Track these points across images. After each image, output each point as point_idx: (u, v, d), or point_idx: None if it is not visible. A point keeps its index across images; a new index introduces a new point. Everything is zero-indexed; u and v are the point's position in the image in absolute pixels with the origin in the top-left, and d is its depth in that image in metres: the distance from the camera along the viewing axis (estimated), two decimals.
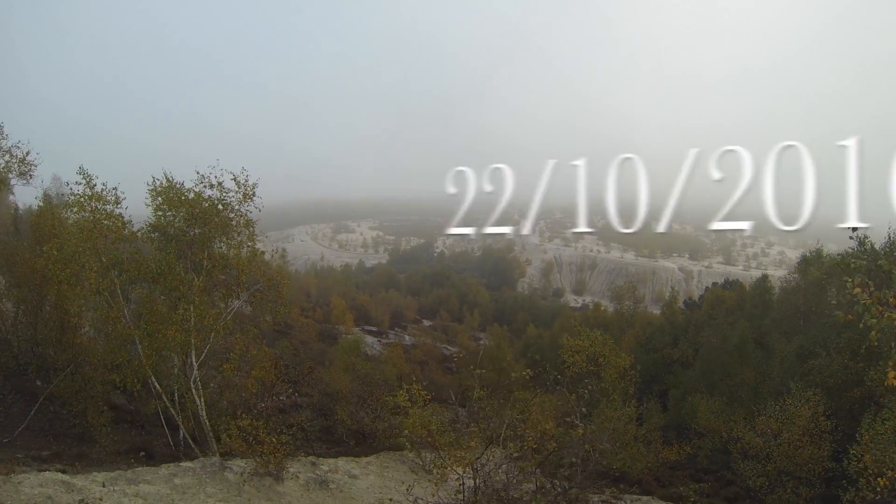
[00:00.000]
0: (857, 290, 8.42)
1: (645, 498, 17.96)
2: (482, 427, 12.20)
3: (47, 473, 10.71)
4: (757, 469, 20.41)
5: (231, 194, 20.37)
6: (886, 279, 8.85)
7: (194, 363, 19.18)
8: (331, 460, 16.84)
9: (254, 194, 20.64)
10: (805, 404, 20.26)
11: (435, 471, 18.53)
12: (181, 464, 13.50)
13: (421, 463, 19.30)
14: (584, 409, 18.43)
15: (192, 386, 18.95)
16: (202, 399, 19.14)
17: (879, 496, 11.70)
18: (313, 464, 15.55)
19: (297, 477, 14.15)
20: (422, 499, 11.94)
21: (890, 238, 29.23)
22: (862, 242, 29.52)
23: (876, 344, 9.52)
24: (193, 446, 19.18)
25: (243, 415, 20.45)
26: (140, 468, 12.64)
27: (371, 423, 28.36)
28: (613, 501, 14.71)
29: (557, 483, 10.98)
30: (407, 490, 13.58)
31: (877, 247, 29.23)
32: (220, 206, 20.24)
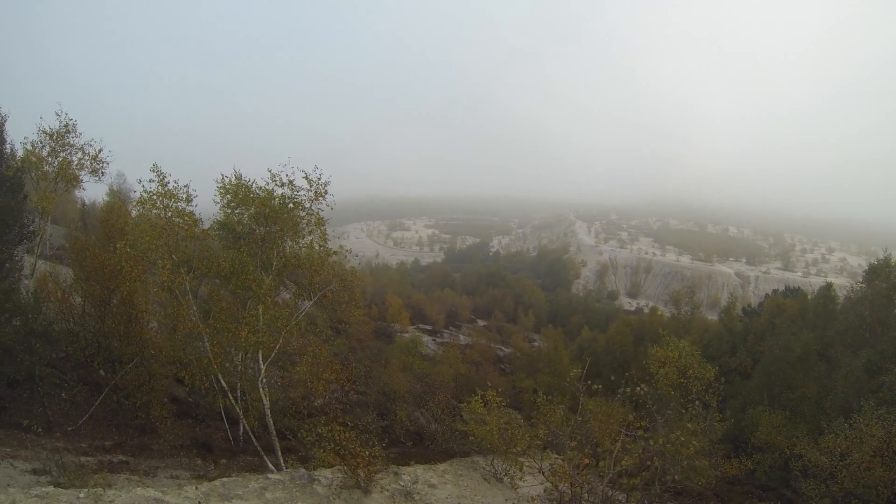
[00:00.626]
0: None
1: None
2: (581, 443, 12.20)
3: (139, 490, 10.94)
4: (821, 489, 19.92)
5: (302, 192, 20.09)
6: None
7: (261, 363, 19.03)
8: (409, 469, 16.76)
9: (326, 192, 20.27)
10: (878, 423, 19.65)
11: (506, 479, 18.68)
12: (270, 476, 13.53)
13: (493, 471, 19.27)
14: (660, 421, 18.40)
15: (260, 386, 18.79)
16: (268, 399, 18.97)
17: None
18: (395, 474, 15.55)
19: (384, 489, 14.20)
20: None
21: None
22: None
23: None
24: (256, 443, 19.01)
25: (322, 419, 20.67)
26: (229, 480, 12.75)
27: (430, 425, 28.45)
28: None
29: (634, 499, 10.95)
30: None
31: None
32: (290, 205, 20.06)
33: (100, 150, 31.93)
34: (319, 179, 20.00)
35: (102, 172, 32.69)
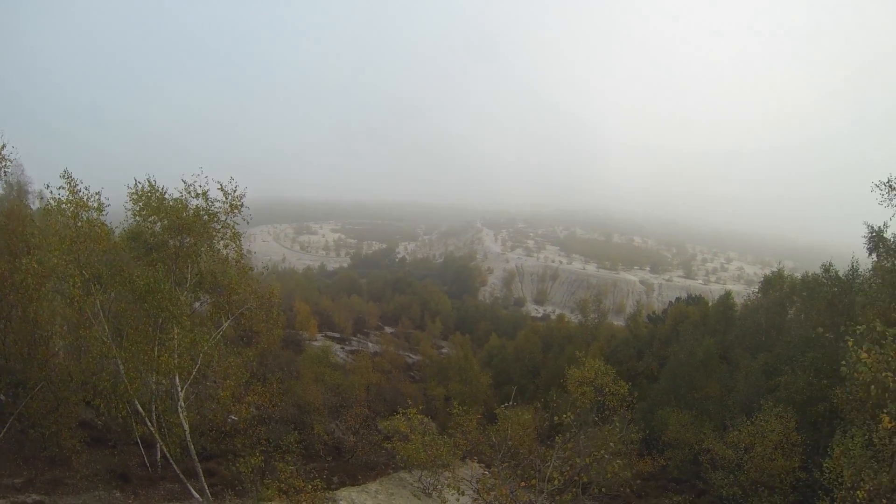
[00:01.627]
0: (864, 354, 9.99)
1: None
2: (502, 452, 12.71)
3: None
4: (729, 479, 21.36)
5: (217, 204, 19.02)
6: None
7: (179, 387, 18.01)
8: (343, 493, 16.79)
9: (241, 205, 19.28)
10: (777, 420, 21.19)
11: (435, 494, 18.97)
12: None
13: (422, 486, 19.50)
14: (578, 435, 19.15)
15: (179, 410, 17.77)
16: (188, 423, 17.95)
17: None
18: (334, 501, 15.67)
19: None
20: None
21: (852, 265, 30.32)
22: (827, 269, 30.73)
23: (874, 397, 10.90)
24: (176, 469, 17.94)
25: (244, 441, 20.38)
26: None
27: (348, 438, 28.39)
28: None
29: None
30: None
31: (840, 273, 30.36)
32: (205, 217, 18.96)
33: (2, 146, 29.71)
34: (235, 191, 19.11)
35: (4, 171, 30.16)
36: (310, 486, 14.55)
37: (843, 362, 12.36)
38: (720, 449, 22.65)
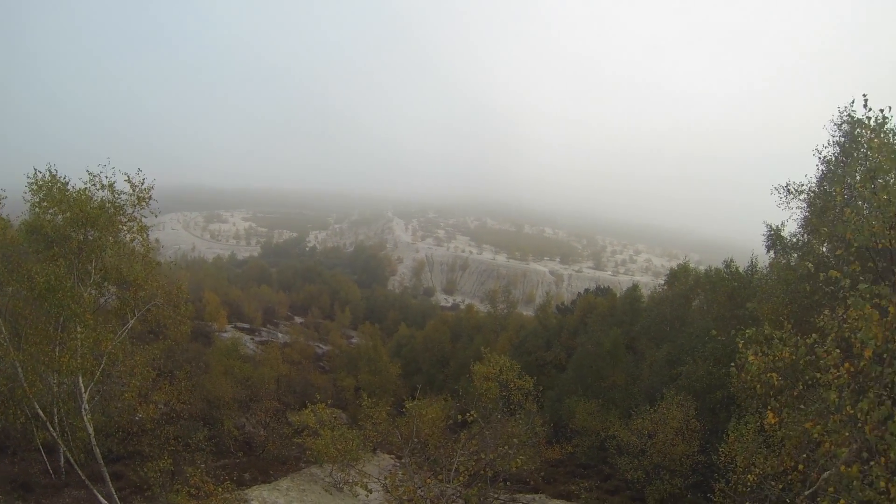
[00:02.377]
0: (752, 357, 10.85)
1: (538, 496, 19.07)
2: (419, 458, 12.92)
3: None
4: (633, 464, 22.28)
5: (124, 196, 18.42)
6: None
7: (83, 389, 17.24)
8: (255, 492, 16.53)
9: (150, 197, 18.72)
10: (678, 408, 22.17)
11: (346, 489, 19.03)
12: None
13: (333, 481, 19.47)
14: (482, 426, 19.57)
15: (83, 414, 17.05)
16: (92, 425, 17.23)
17: (748, 489, 13.37)
18: (245, 501, 15.47)
19: None
20: None
21: (752, 262, 31.84)
22: (728, 265, 32.11)
23: (760, 394, 11.84)
24: (81, 474, 17.08)
25: (151, 441, 19.83)
26: None
27: (258, 432, 28.04)
28: (511, 502, 15.75)
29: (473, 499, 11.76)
30: None
31: (740, 268, 31.78)
32: (111, 209, 18.24)
33: None
34: (143, 183, 18.52)
35: None
36: (220, 489, 14.26)
37: (733, 364, 13.20)
38: (625, 435, 23.55)
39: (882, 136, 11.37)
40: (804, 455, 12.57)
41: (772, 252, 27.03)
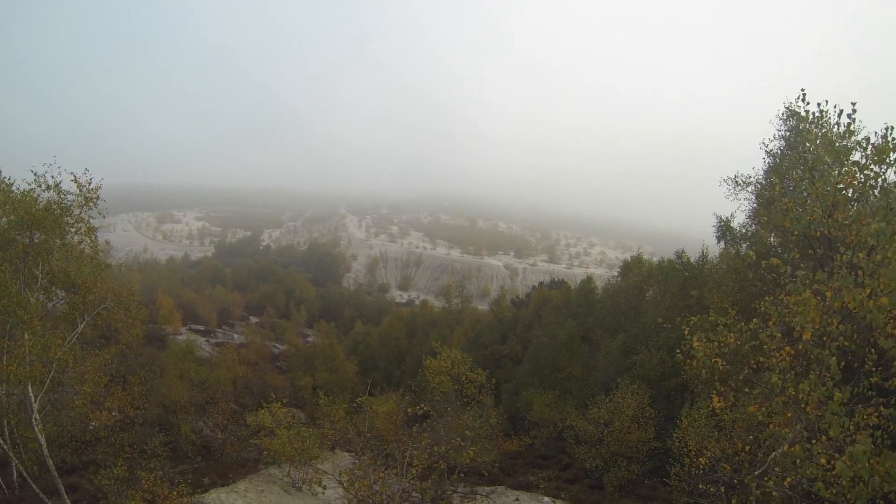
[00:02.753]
0: (697, 343, 11.39)
1: (499, 488, 19.33)
2: (375, 449, 13.03)
3: None
4: (592, 453, 22.71)
5: (70, 197, 17.95)
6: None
7: (33, 399, 16.72)
8: (212, 495, 16.40)
9: (97, 198, 18.29)
10: (632, 396, 22.67)
11: (304, 487, 19.04)
12: None
13: (291, 481, 19.42)
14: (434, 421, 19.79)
15: (34, 424, 16.53)
16: (45, 438, 16.70)
17: (701, 471, 13.82)
18: None
19: None
20: None
21: (703, 252, 32.57)
22: (679, 256, 32.81)
23: (705, 379, 12.40)
24: (35, 487, 16.62)
25: (105, 450, 19.45)
26: None
27: (216, 436, 27.78)
28: (470, 495, 15.97)
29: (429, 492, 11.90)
30: None
31: (692, 259, 32.48)
32: (57, 211, 17.75)
33: None
34: (90, 183, 18.05)
35: None
36: (175, 493, 14.04)
37: (678, 351, 13.67)
38: (582, 425, 23.92)
39: (821, 128, 11.84)
40: (751, 437, 13.04)
41: (722, 242, 27.81)
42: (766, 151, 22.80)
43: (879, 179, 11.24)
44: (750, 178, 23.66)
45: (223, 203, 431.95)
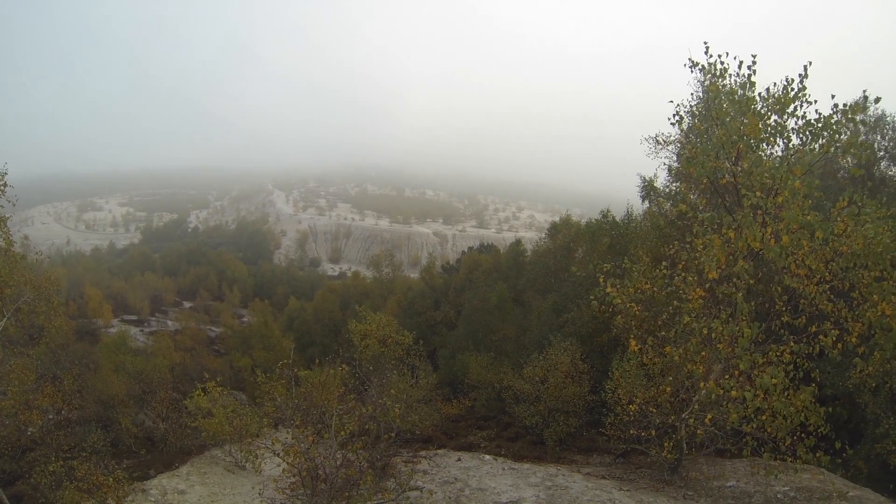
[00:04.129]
0: (610, 289, 11.88)
1: (441, 451, 19.64)
2: (305, 417, 13.08)
3: None
4: (530, 410, 23.19)
5: None
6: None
7: None
8: (154, 481, 16.09)
9: (5, 185, 17.15)
10: (564, 353, 23.22)
11: (248, 465, 19.03)
12: None
13: (234, 460, 19.35)
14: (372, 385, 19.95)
15: None
16: None
17: (632, 418, 14.39)
18: (143, 491, 15.08)
19: None
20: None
21: (628, 211, 33.34)
22: (605, 215, 33.48)
23: (617, 328, 12.95)
24: None
25: (51, 454, 18.96)
26: None
27: (158, 426, 27.43)
28: (414, 461, 16.25)
29: (362, 458, 12.07)
30: (259, 494, 14.00)
31: (617, 219, 33.19)
32: None
33: None
34: None
35: None
36: (111, 479, 13.75)
37: (592, 296, 14.16)
38: (519, 384, 24.36)
39: (724, 81, 12.27)
40: (670, 378, 13.63)
41: (646, 202, 28.55)
42: (685, 110, 23.29)
43: (780, 128, 11.77)
44: (670, 136, 24.26)
45: (146, 186, 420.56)
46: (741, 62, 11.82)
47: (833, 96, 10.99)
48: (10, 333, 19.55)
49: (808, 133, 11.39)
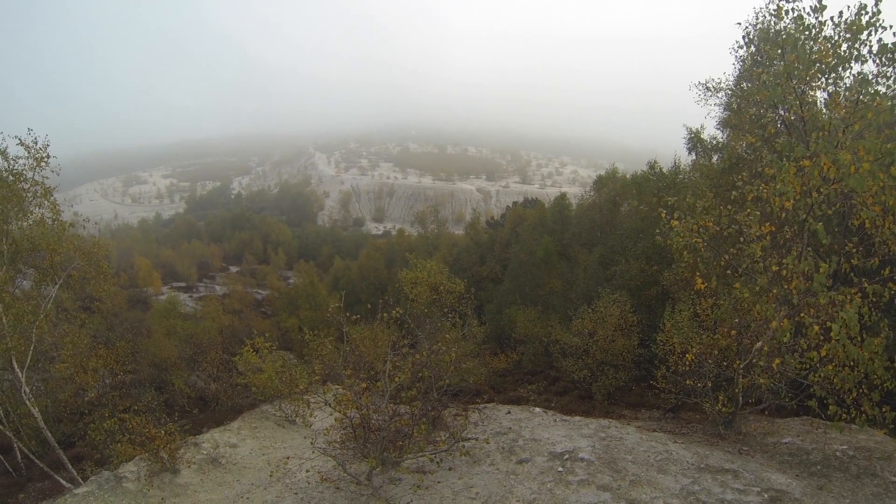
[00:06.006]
0: (675, 222, 11.18)
1: (490, 405, 19.44)
2: (355, 369, 12.86)
3: None
4: (578, 364, 22.86)
5: (21, 161, 17.51)
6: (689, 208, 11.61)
7: (19, 372, 16.49)
8: (206, 436, 16.04)
9: (48, 157, 17.80)
10: (614, 305, 22.80)
11: (298, 420, 19.03)
12: (76, 492, 12.55)
13: (284, 415, 19.37)
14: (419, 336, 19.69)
15: (25, 398, 16.36)
16: (38, 410, 16.54)
17: (688, 368, 13.93)
18: (196, 445, 15.05)
19: (190, 463, 13.71)
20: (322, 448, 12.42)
21: (675, 163, 32.56)
22: (652, 166, 32.80)
23: (685, 262, 12.27)
24: (41, 465, 16.87)
25: (105, 412, 19.17)
26: None
27: (210, 387, 27.77)
28: (461, 413, 16.02)
29: (416, 408, 11.86)
30: (311, 443, 13.90)
31: (664, 170, 32.49)
32: (10, 178, 17.41)
33: None
34: (36, 143, 17.65)
35: None
36: (163, 432, 13.53)
37: (657, 230, 13.59)
38: (567, 338, 24.08)
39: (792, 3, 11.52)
40: (736, 320, 13.12)
41: (693, 154, 27.83)
42: (735, 57, 22.34)
43: (854, 52, 11.09)
44: (720, 83, 23.39)
45: (188, 157, 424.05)
46: None
47: None
48: (63, 300, 19.91)
49: (883, 59, 10.76)
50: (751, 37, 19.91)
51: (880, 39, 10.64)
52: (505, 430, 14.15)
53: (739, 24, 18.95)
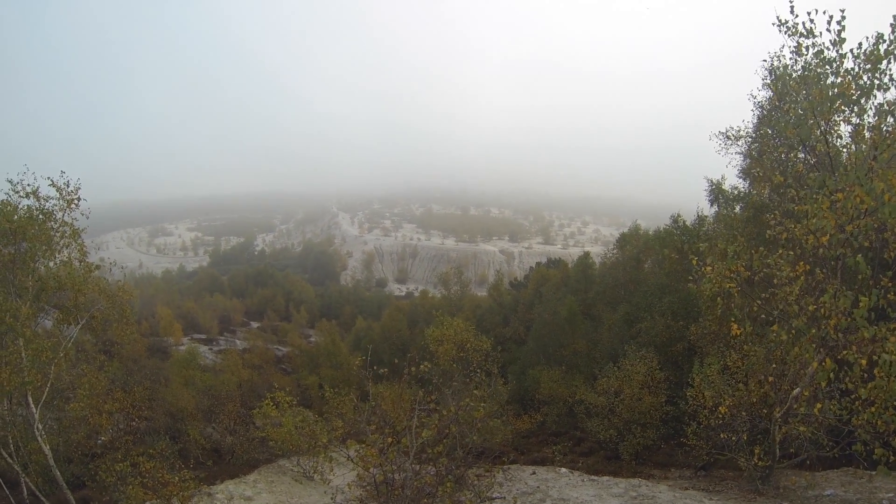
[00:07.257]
0: (708, 268, 10.99)
1: (514, 466, 19.09)
2: (380, 425, 12.63)
3: None
4: (604, 423, 22.38)
5: (52, 202, 17.49)
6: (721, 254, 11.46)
7: (33, 408, 16.48)
8: (220, 486, 15.96)
9: (78, 199, 17.76)
10: (640, 362, 22.41)
11: (316, 476, 18.73)
12: None
13: (302, 470, 19.10)
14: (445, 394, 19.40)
15: (37, 434, 16.29)
16: (49, 447, 16.50)
17: (721, 421, 13.54)
18: (209, 494, 14.88)
19: None
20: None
21: (698, 215, 32.42)
22: (675, 220, 32.67)
23: (719, 309, 12.06)
24: (46, 503, 16.69)
25: (117, 455, 18.98)
26: None
27: (225, 439, 27.46)
28: (485, 474, 15.66)
29: (441, 465, 11.58)
30: (332, 499, 13.66)
31: (688, 223, 32.35)
32: (40, 217, 17.34)
33: None
34: (68, 185, 17.64)
35: None
36: (176, 478, 13.67)
37: (690, 277, 13.39)
38: (592, 398, 23.56)
39: (811, 40, 11.50)
40: (773, 366, 12.76)
41: (715, 206, 27.71)
42: (753, 103, 22.46)
43: (875, 82, 11.00)
44: (740, 131, 23.40)
45: (214, 212, 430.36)
46: (831, 17, 10.97)
47: None
48: (83, 342, 19.77)
49: None
50: (769, 80, 19.97)
51: None
52: (532, 490, 13.83)
53: (756, 72, 18.98)
